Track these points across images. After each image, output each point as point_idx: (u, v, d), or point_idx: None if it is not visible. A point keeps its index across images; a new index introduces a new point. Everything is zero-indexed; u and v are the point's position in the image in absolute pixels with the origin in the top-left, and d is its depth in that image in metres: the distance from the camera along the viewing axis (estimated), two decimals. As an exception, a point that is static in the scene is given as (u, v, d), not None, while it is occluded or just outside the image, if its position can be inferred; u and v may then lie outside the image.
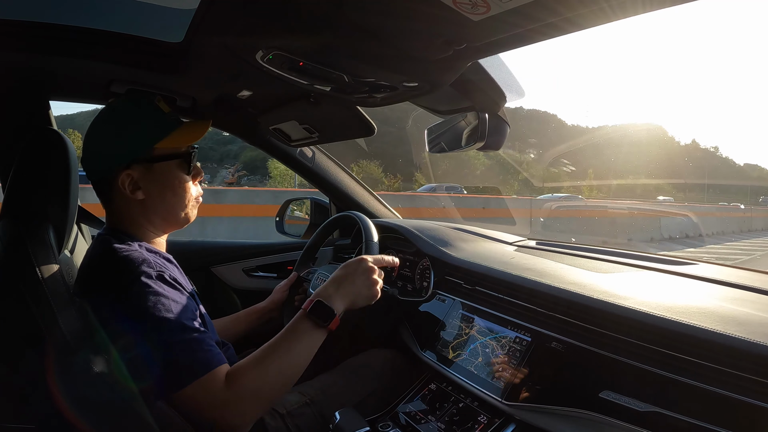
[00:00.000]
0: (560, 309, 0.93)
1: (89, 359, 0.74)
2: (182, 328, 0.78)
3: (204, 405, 0.76)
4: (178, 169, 0.90)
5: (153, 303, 0.77)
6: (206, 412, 0.76)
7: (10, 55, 0.97)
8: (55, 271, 0.79)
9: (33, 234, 0.80)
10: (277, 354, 0.82)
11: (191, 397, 0.76)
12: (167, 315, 0.77)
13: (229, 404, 0.76)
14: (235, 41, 0.82)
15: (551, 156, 18.47)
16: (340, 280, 0.91)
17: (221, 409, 0.76)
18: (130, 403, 0.76)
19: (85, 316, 0.79)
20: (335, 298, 0.88)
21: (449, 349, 1.10)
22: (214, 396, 0.76)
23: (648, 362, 0.76)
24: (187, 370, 0.76)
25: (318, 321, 0.85)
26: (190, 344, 0.77)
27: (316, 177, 1.71)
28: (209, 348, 0.79)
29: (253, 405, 0.79)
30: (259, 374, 0.80)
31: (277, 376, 0.82)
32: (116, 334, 0.77)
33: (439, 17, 0.63)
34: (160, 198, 0.89)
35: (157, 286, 0.79)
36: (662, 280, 1.04)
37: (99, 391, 0.74)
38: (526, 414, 0.87)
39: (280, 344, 0.83)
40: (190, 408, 0.77)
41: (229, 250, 1.73)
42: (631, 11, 0.57)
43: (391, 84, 0.91)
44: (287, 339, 0.84)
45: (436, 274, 1.30)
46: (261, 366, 0.81)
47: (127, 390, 0.76)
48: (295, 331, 0.84)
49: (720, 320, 0.74)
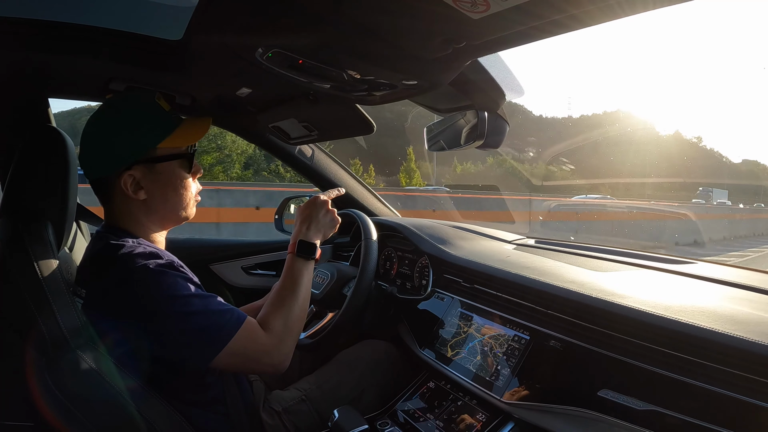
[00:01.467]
0: (559, 308, 0.93)
1: (87, 357, 0.74)
2: (200, 297, 0.81)
3: (251, 354, 0.83)
4: (179, 168, 0.90)
5: (165, 284, 0.78)
6: (254, 359, 0.84)
7: (9, 53, 0.96)
8: (54, 269, 0.79)
9: (32, 231, 0.80)
10: (289, 292, 0.93)
11: (236, 351, 0.81)
12: (183, 292, 0.80)
13: (273, 347, 0.86)
14: (235, 39, 0.82)
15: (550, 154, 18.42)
16: (308, 220, 1.03)
17: (268, 353, 0.85)
18: (130, 400, 0.76)
19: (84, 313, 0.79)
20: (310, 235, 1.01)
21: (448, 348, 1.10)
22: (258, 343, 0.84)
23: (647, 361, 0.76)
24: (224, 329, 0.81)
25: (306, 256, 0.98)
26: (217, 306, 0.83)
27: (315, 175, 1.70)
28: (232, 307, 0.85)
29: (290, 341, 0.89)
30: (285, 314, 0.90)
31: (297, 309, 0.92)
32: (122, 326, 0.77)
33: (439, 15, 0.62)
34: (162, 197, 0.89)
35: (167, 270, 0.80)
36: (661, 279, 1.05)
37: (97, 388, 0.74)
38: (525, 412, 0.87)
39: (287, 286, 0.94)
40: (237, 361, 0.83)
41: (228, 248, 1.73)
42: (632, 10, 0.57)
43: (391, 82, 0.91)
44: (291, 279, 0.95)
45: (434, 273, 1.31)
46: (283, 307, 0.90)
47: (127, 386, 0.76)
48: (293, 270, 0.96)
49: (719, 319, 0.74)
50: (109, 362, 0.76)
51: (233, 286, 1.69)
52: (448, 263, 1.26)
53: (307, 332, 1.26)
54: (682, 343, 0.72)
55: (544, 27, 0.64)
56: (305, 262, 0.97)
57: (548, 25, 0.63)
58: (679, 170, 31.89)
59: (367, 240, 1.20)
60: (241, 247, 1.74)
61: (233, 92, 1.18)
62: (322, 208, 1.05)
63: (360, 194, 1.78)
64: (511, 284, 1.05)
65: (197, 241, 1.76)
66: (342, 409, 0.93)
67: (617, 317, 0.82)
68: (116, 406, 0.75)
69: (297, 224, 1.04)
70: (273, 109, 1.31)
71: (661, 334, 0.75)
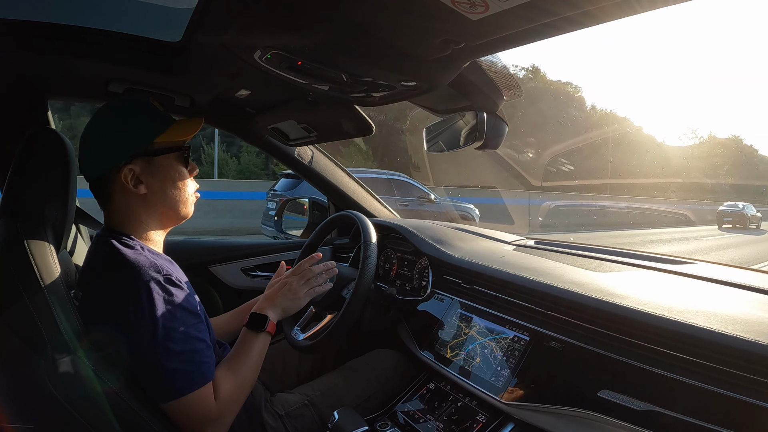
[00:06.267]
0: (559, 308, 0.93)
1: (87, 360, 0.74)
2: (186, 336, 0.80)
3: (197, 416, 0.81)
4: (177, 163, 0.92)
5: (160, 309, 0.78)
6: (198, 422, 0.82)
7: (9, 54, 0.96)
8: (53, 271, 0.78)
9: (31, 233, 0.80)
10: (241, 361, 0.92)
11: (185, 407, 0.80)
12: (173, 324, 0.79)
13: (217, 417, 0.83)
14: (234, 41, 0.82)
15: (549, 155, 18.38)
16: (269, 296, 1.04)
17: (212, 420, 0.83)
18: (129, 402, 0.76)
19: (83, 316, 0.79)
20: (267, 309, 1.00)
21: (448, 349, 1.10)
22: (207, 408, 0.82)
23: (646, 361, 0.76)
24: (187, 381, 0.79)
25: (256, 329, 0.96)
26: (193, 355, 0.81)
27: (314, 176, 1.70)
28: (208, 359, 0.84)
29: (235, 411, 0.88)
30: (235, 383, 0.88)
31: (247, 379, 0.91)
32: (116, 337, 0.77)
33: (438, 16, 0.63)
34: (162, 191, 0.90)
35: (165, 292, 0.80)
36: (661, 280, 1.05)
37: (96, 391, 0.74)
38: (525, 413, 0.87)
39: (239, 354, 0.93)
40: (181, 417, 0.80)
41: (227, 249, 1.73)
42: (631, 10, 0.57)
43: (390, 83, 0.91)
44: (243, 349, 0.94)
45: (434, 274, 1.31)
46: (235, 375, 0.89)
47: (126, 388, 0.76)
48: (245, 341, 0.95)
49: (718, 319, 0.74)
50: (107, 365, 0.76)
51: (233, 288, 1.69)
52: (447, 264, 1.26)
53: (306, 334, 1.26)
54: (683, 344, 0.72)
55: (542, 28, 0.64)
56: (257, 335, 0.96)
57: (547, 26, 0.63)
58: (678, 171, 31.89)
59: (367, 243, 1.20)
60: (240, 249, 1.74)
61: (232, 94, 1.18)
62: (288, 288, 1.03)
63: (359, 195, 1.78)
64: (511, 285, 1.05)
65: (196, 243, 1.76)
66: (342, 410, 0.93)
67: (617, 318, 0.82)
68: (115, 408, 0.75)
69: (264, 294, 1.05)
70: (272, 110, 1.31)
71: (661, 334, 0.75)
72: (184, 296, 0.83)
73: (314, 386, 1.12)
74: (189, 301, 0.84)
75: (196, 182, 0.97)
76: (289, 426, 1.01)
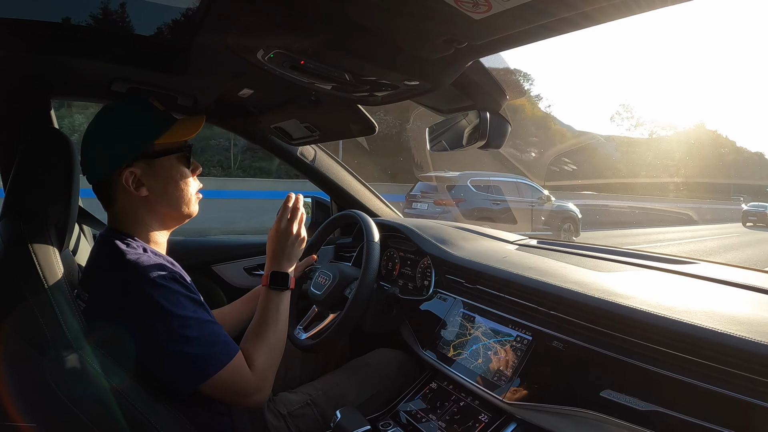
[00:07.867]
0: (561, 308, 0.93)
1: (90, 359, 0.74)
2: (200, 321, 0.82)
3: (236, 388, 0.84)
4: (178, 163, 0.92)
5: (169, 303, 0.79)
6: (240, 394, 0.85)
7: (12, 54, 0.97)
8: (56, 270, 0.79)
9: (34, 233, 0.80)
10: (269, 325, 0.94)
11: (221, 384, 0.82)
12: (184, 313, 0.80)
13: (257, 386, 0.86)
14: (236, 40, 0.82)
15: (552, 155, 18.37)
16: (277, 252, 1.03)
17: (252, 392, 0.86)
18: (132, 402, 0.76)
19: (86, 315, 0.79)
20: (283, 266, 1.01)
21: (450, 348, 1.10)
22: (244, 379, 0.85)
23: (649, 361, 0.76)
24: (212, 360, 0.81)
25: (281, 288, 0.98)
26: (211, 336, 0.82)
27: (317, 175, 1.70)
28: (225, 337, 0.85)
29: (272, 375, 0.91)
30: (268, 349, 0.91)
31: (278, 341, 0.94)
32: (122, 337, 0.77)
33: (441, 16, 0.63)
34: (164, 193, 0.90)
35: (170, 288, 0.80)
36: (664, 280, 1.04)
37: (99, 390, 0.74)
38: (527, 413, 0.87)
39: (266, 319, 0.94)
40: (221, 393, 0.83)
41: (230, 249, 1.73)
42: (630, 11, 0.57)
43: (392, 83, 0.91)
44: (269, 311, 0.95)
45: (437, 273, 1.30)
46: (264, 341, 0.91)
47: (129, 388, 0.77)
48: (270, 303, 0.96)
49: (721, 319, 0.74)
50: (111, 365, 0.76)
51: (235, 287, 1.69)
52: (450, 264, 1.26)
53: (308, 333, 1.26)
54: (685, 344, 0.72)
55: (545, 27, 0.64)
56: (281, 293, 0.97)
57: (550, 25, 0.63)
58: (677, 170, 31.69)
59: (370, 242, 1.20)
60: (242, 248, 1.74)
61: (235, 93, 1.19)
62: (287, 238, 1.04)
63: (362, 195, 1.78)
64: (514, 285, 1.05)
65: (199, 242, 1.76)
66: (344, 409, 0.93)
67: (620, 317, 0.82)
68: (118, 408, 0.75)
69: (268, 258, 1.04)
70: (275, 109, 1.31)
71: (663, 334, 0.75)
72: (189, 290, 0.84)
73: (317, 386, 1.13)
74: (194, 294, 0.85)
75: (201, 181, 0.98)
76: (292, 425, 1.01)
